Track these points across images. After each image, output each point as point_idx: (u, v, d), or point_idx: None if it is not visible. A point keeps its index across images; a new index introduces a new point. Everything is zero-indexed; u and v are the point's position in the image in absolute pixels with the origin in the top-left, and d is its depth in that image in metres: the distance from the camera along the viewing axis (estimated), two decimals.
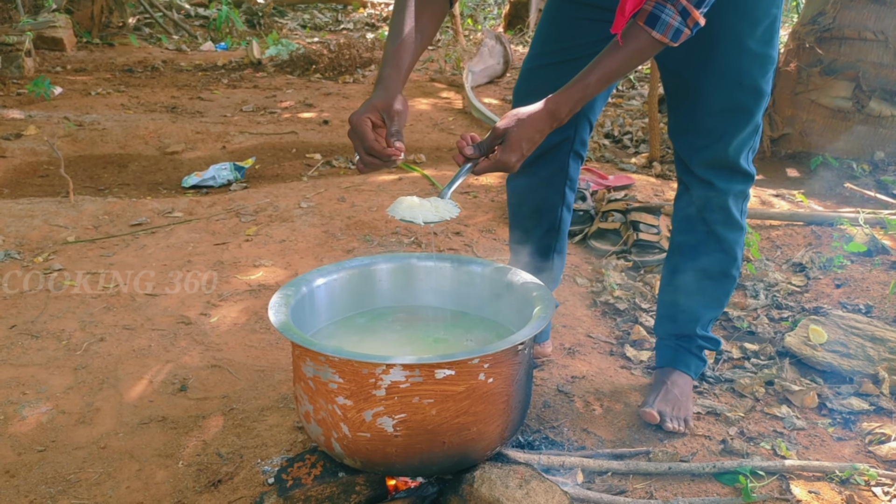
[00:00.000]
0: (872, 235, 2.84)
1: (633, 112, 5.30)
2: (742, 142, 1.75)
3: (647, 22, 1.42)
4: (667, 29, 1.42)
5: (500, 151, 1.46)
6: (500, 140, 1.46)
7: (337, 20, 10.30)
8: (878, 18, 3.82)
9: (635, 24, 1.44)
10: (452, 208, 1.48)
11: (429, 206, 1.46)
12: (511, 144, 1.45)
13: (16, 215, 3.14)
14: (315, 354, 1.34)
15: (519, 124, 1.45)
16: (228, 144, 4.54)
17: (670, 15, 1.41)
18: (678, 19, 1.41)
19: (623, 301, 2.61)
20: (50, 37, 7.16)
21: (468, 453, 1.40)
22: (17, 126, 4.62)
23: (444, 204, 1.47)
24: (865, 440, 1.87)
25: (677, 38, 1.44)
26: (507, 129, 1.45)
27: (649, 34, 1.43)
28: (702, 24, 1.44)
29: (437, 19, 1.59)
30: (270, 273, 2.72)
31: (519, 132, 1.45)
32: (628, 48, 1.46)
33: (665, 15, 1.41)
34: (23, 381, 2.08)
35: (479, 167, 1.49)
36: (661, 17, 1.42)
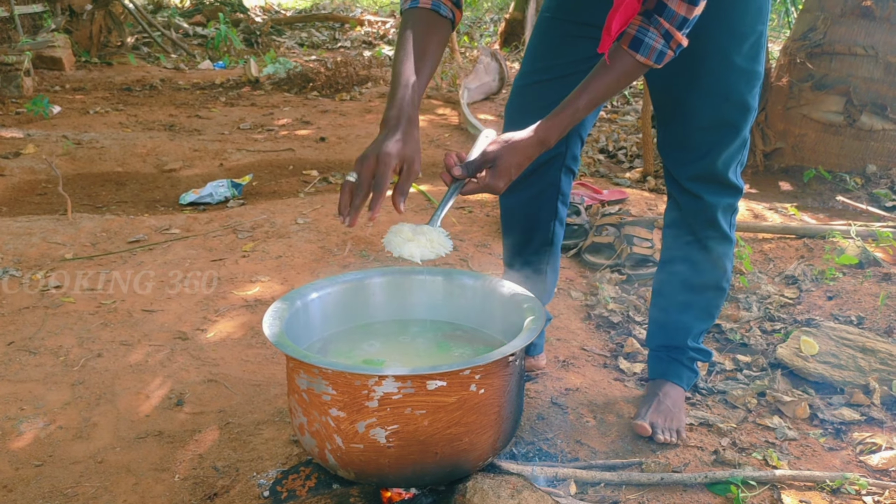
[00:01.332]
0: (864, 248, 2.87)
1: (628, 127, 5.35)
2: (730, 156, 1.78)
3: (631, 46, 1.46)
4: (650, 52, 1.45)
5: (489, 175, 1.48)
6: (490, 164, 1.48)
7: (334, 38, 10.38)
8: (868, 34, 3.87)
9: (619, 47, 1.47)
10: (446, 241, 1.50)
11: (423, 240, 1.47)
12: (500, 170, 1.47)
13: (14, 233, 3.16)
14: (308, 367, 1.36)
15: (509, 150, 1.48)
16: (226, 162, 4.58)
17: (653, 38, 1.44)
18: (661, 42, 1.44)
19: (617, 314, 2.63)
20: (49, 56, 7.22)
21: (460, 464, 1.41)
22: (16, 145, 4.65)
23: (436, 235, 1.49)
24: (856, 450, 1.88)
25: (661, 61, 1.47)
26: (497, 154, 1.48)
27: (633, 58, 1.46)
28: (685, 45, 1.47)
29: (442, 45, 1.62)
30: (267, 288, 2.74)
31: (509, 158, 1.48)
32: (614, 72, 1.49)
33: (648, 38, 1.45)
34: (20, 397, 2.10)
35: (466, 188, 1.51)
36: (644, 41, 1.45)
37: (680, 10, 1.42)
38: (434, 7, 1.58)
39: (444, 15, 1.59)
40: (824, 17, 3.98)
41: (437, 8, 1.58)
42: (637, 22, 1.45)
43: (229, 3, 11.41)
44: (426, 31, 1.57)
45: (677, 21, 1.43)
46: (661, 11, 1.43)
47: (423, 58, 1.54)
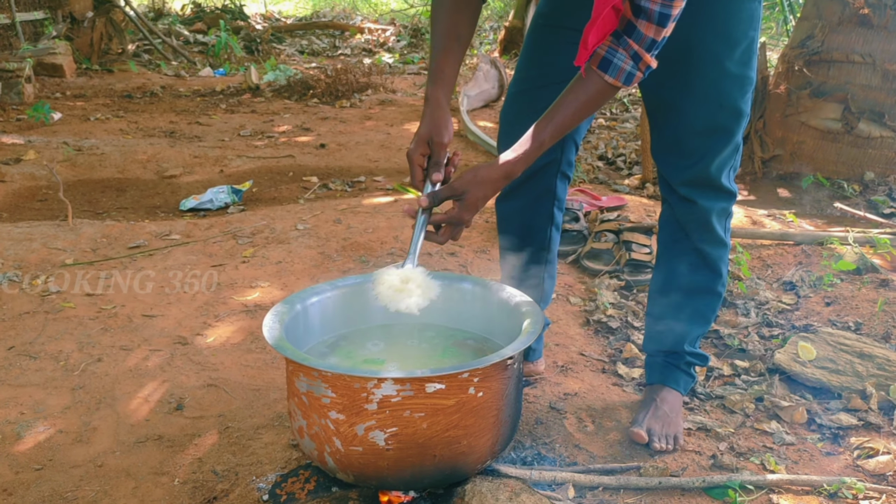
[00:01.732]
0: (862, 254, 2.88)
1: (627, 135, 5.36)
2: (723, 161, 1.80)
3: (601, 66, 1.47)
4: (619, 73, 1.47)
5: (458, 208, 1.51)
6: (458, 197, 1.51)
7: (334, 46, 10.42)
8: (866, 42, 3.89)
9: (589, 67, 1.49)
10: (432, 282, 1.55)
11: (413, 286, 1.51)
12: (468, 203, 1.51)
13: (15, 238, 3.17)
14: (308, 370, 1.36)
15: (477, 184, 1.51)
16: (226, 168, 4.59)
17: (622, 59, 1.46)
18: (630, 63, 1.46)
19: (615, 320, 2.64)
20: (50, 63, 7.25)
21: (459, 467, 1.42)
22: (17, 151, 4.67)
23: (422, 278, 1.53)
24: (854, 455, 1.89)
25: (630, 82, 1.49)
26: (465, 189, 1.50)
27: (602, 78, 1.48)
28: (654, 67, 1.48)
29: (473, 21, 1.67)
30: (267, 294, 2.75)
31: (476, 192, 1.51)
32: (583, 94, 1.51)
33: (617, 60, 1.46)
34: (21, 402, 2.11)
35: (433, 219, 1.53)
36: (612, 62, 1.46)
37: (648, 33, 1.44)
38: None
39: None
40: (822, 25, 4.00)
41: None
42: (607, 43, 1.47)
43: (230, 11, 11.46)
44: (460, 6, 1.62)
45: (646, 43, 1.45)
46: (630, 33, 1.44)
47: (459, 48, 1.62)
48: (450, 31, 1.62)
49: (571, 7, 1.80)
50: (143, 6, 11.72)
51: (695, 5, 1.66)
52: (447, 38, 1.62)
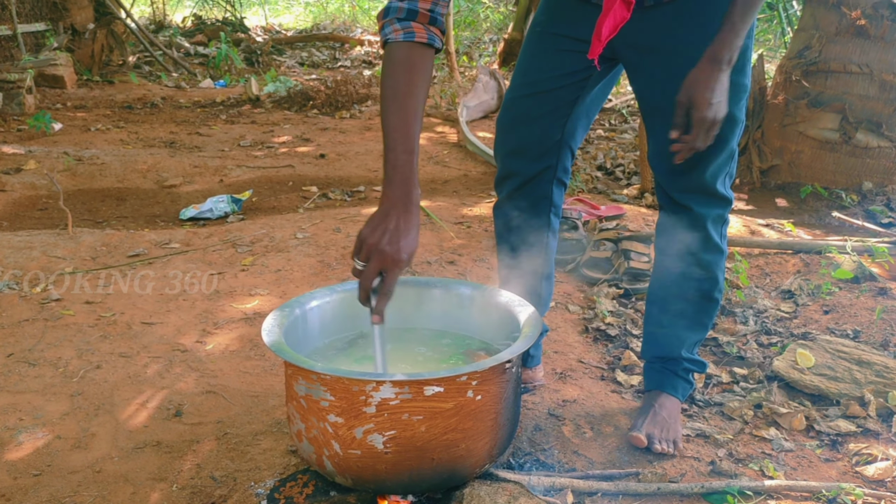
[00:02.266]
0: (860, 263, 2.89)
1: (625, 145, 5.38)
2: (718, 168, 1.80)
3: None
4: None
5: (694, 112, 1.59)
6: (688, 107, 1.60)
7: (334, 58, 10.45)
8: (863, 52, 3.91)
9: None
10: None
11: None
12: (698, 103, 1.58)
13: (15, 247, 3.18)
14: (307, 373, 1.37)
15: (693, 86, 1.59)
16: (226, 178, 4.60)
17: None
18: None
19: (614, 327, 2.64)
20: (51, 74, 7.27)
21: (457, 470, 1.42)
22: (17, 161, 4.68)
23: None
24: (852, 461, 1.89)
25: None
26: (689, 97, 1.60)
27: None
28: None
29: (430, 80, 1.55)
30: (266, 301, 2.75)
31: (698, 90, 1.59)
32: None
33: None
34: (19, 408, 2.11)
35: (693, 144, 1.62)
36: None
37: None
38: (430, 41, 1.51)
39: (436, 47, 1.52)
40: (819, 35, 4.02)
41: (433, 41, 1.51)
42: None
43: (230, 24, 11.51)
44: (419, 72, 1.48)
45: None
46: None
47: (417, 115, 1.47)
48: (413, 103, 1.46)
49: (568, 16, 1.82)
50: (144, 18, 11.78)
51: (690, 13, 1.68)
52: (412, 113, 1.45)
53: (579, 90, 1.86)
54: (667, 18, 1.70)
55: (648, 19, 1.71)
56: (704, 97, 1.58)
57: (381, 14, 1.52)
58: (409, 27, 1.48)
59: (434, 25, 1.51)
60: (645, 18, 1.70)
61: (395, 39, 1.49)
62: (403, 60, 1.48)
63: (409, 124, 1.44)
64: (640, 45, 1.74)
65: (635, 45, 1.75)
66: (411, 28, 1.48)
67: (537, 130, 1.88)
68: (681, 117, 1.62)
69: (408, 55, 1.48)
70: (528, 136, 1.89)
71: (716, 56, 1.59)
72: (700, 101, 1.59)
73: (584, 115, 1.92)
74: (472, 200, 4.03)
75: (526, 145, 1.90)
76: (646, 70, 1.77)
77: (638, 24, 1.69)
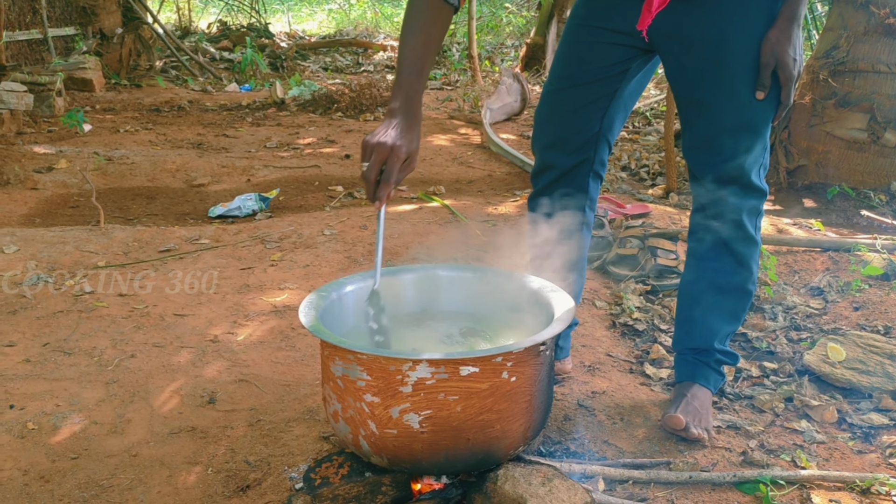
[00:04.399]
0: (890, 260, 2.87)
1: (650, 147, 5.38)
2: (753, 159, 1.81)
3: None
4: None
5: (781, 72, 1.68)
6: (774, 66, 1.67)
7: (357, 63, 10.52)
8: (892, 51, 3.89)
9: None
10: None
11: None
12: (784, 62, 1.67)
13: (48, 242, 3.24)
14: (344, 353, 1.39)
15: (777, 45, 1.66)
16: (253, 177, 4.65)
17: None
18: None
19: (642, 322, 2.64)
20: (80, 78, 7.38)
21: (492, 451, 1.43)
22: (49, 160, 4.76)
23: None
24: (886, 453, 1.88)
25: None
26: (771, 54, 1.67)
27: None
28: None
29: (445, 33, 1.69)
30: (295, 295, 2.78)
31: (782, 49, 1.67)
32: None
33: None
34: (56, 395, 2.14)
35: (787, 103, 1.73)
36: None
37: None
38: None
39: (451, 3, 1.64)
40: (847, 35, 4.00)
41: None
42: None
43: (255, 29, 11.61)
44: (432, 18, 1.63)
45: None
46: None
47: (428, 46, 1.62)
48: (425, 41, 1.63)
49: (606, 7, 1.83)
50: (170, 24, 11.92)
51: (731, 5, 1.69)
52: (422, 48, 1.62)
53: (618, 83, 1.87)
54: (707, 10, 1.71)
55: (689, 10, 1.71)
56: (788, 54, 1.66)
57: None
58: None
59: None
60: (686, 10, 1.71)
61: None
62: (417, 8, 1.64)
63: (419, 53, 1.61)
64: (681, 36, 1.75)
65: (675, 36, 1.75)
66: None
67: (575, 123, 1.90)
68: (767, 78, 1.69)
69: (418, 5, 1.64)
70: (566, 128, 1.91)
71: (793, 13, 1.66)
72: (786, 59, 1.66)
73: (621, 109, 1.93)
74: (496, 200, 4.05)
75: (564, 138, 1.92)
76: (685, 61, 1.77)
77: (679, 15, 1.70)
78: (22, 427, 1.98)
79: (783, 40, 1.67)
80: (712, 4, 1.72)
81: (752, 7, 1.70)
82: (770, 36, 1.68)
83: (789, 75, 1.69)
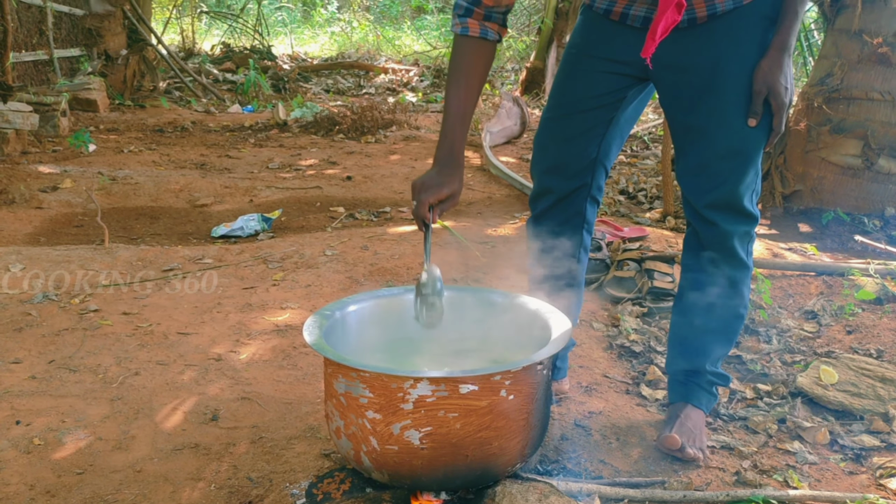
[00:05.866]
0: (883, 284, 2.91)
1: (647, 171, 5.44)
2: (746, 185, 1.85)
3: None
4: None
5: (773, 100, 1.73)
6: (766, 94, 1.73)
7: (359, 85, 10.64)
8: (885, 80, 3.96)
9: None
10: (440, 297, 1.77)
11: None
12: (776, 91, 1.73)
13: (53, 260, 3.28)
14: (347, 370, 1.43)
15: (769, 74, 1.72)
16: (256, 198, 4.71)
17: None
18: None
19: (638, 344, 2.68)
20: (84, 98, 7.47)
21: (490, 468, 1.47)
22: (54, 180, 4.82)
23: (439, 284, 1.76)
24: (876, 474, 1.91)
25: None
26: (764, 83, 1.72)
27: None
28: None
29: (488, 66, 1.83)
30: (297, 315, 2.82)
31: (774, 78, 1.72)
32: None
33: None
34: (61, 411, 2.18)
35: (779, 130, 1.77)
36: None
37: None
38: (482, 35, 1.78)
39: (490, 39, 1.79)
40: (841, 63, 4.08)
41: (485, 35, 1.78)
42: None
43: (258, 51, 11.75)
44: (475, 60, 1.79)
45: None
46: None
47: (471, 89, 1.78)
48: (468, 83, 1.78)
49: (604, 37, 1.89)
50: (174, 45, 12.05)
51: (722, 34, 1.75)
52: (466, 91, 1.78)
53: (614, 110, 1.93)
54: (700, 39, 1.77)
55: (682, 40, 1.77)
56: (780, 83, 1.72)
57: (453, 8, 1.83)
58: (465, 23, 1.78)
59: (489, 21, 1.78)
60: (679, 39, 1.77)
61: (455, 32, 1.81)
62: (460, 51, 1.79)
63: (462, 101, 1.78)
64: (675, 66, 1.81)
65: (670, 66, 1.81)
66: (467, 24, 1.77)
67: (573, 149, 1.96)
68: (759, 105, 1.74)
69: (463, 46, 1.79)
70: (564, 154, 1.97)
71: (784, 44, 1.72)
72: (777, 87, 1.72)
73: (618, 135, 1.99)
74: (496, 222, 4.10)
75: (562, 163, 1.97)
76: (679, 89, 1.83)
77: (672, 44, 1.76)
78: (28, 443, 2.01)
79: (775, 69, 1.72)
80: (706, 34, 1.78)
81: (744, 37, 1.76)
82: (762, 65, 1.73)
83: (781, 103, 1.74)
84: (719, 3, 1.74)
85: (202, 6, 15.18)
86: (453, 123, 1.77)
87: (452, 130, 1.77)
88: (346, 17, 17.69)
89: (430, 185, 1.72)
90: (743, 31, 1.76)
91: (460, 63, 1.79)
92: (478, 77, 1.80)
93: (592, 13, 1.92)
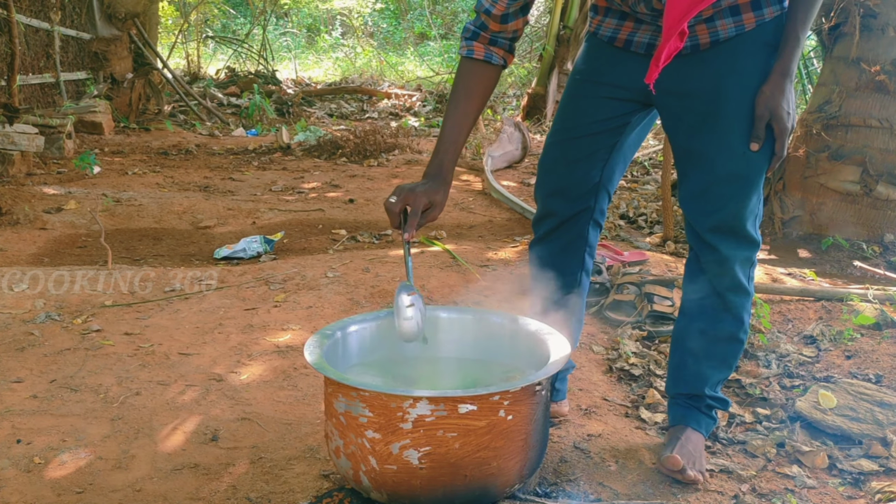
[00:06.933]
0: (882, 310, 2.92)
1: (648, 196, 5.47)
2: (749, 209, 1.87)
3: None
4: None
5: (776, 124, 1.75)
6: (769, 119, 1.75)
7: (362, 110, 10.72)
8: (883, 107, 4.00)
9: None
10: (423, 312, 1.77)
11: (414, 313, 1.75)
12: (778, 116, 1.74)
13: (56, 281, 3.30)
14: (347, 389, 1.44)
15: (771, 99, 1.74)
16: (258, 220, 4.74)
17: None
18: None
19: (638, 367, 2.69)
20: (90, 121, 7.53)
21: (489, 488, 1.48)
22: (58, 201, 4.86)
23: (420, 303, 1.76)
24: (875, 498, 1.92)
25: None
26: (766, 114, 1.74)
27: None
28: None
29: (491, 89, 1.88)
30: (298, 336, 2.84)
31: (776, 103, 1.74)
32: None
33: None
34: (62, 430, 2.19)
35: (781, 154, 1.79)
36: None
37: None
38: (486, 58, 1.84)
39: (494, 63, 1.85)
40: (839, 90, 4.12)
41: (490, 59, 1.84)
42: None
43: (262, 76, 11.86)
44: (477, 83, 1.84)
45: None
46: None
47: (469, 112, 1.84)
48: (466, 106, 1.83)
49: (608, 63, 1.92)
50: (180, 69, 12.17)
51: (724, 59, 1.78)
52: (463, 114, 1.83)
53: (618, 135, 1.96)
54: (703, 65, 1.80)
55: (685, 66, 1.80)
56: (783, 108, 1.73)
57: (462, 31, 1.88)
58: (471, 45, 1.84)
59: (495, 46, 1.84)
60: (682, 66, 1.80)
61: (461, 55, 1.86)
62: (463, 73, 1.86)
63: (458, 124, 1.83)
64: (678, 91, 1.84)
65: (673, 91, 1.84)
66: (472, 47, 1.84)
67: (577, 173, 1.98)
68: (761, 130, 1.76)
69: (466, 68, 1.85)
70: (567, 178, 1.99)
71: (786, 69, 1.75)
72: (780, 112, 1.73)
73: (621, 160, 2.02)
74: (496, 245, 4.12)
75: (565, 187, 2.00)
76: (681, 115, 1.86)
77: (675, 71, 1.79)
78: (28, 461, 2.02)
79: (777, 94, 1.74)
80: (709, 60, 1.81)
81: (747, 62, 1.79)
82: (764, 90, 1.75)
83: (783, 128, 1.76)
84: (722, 30, 1.77)
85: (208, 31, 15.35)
86: (447, 143, 1.81)
87: (445, 150, 1.81)
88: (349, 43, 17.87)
89: (414, 190, 1.75)
90: (745, 57, 1.78)
91: (462, 85, 1.84)
92: (478, 100, 1.84)
93: (597, 40, 1.95)
